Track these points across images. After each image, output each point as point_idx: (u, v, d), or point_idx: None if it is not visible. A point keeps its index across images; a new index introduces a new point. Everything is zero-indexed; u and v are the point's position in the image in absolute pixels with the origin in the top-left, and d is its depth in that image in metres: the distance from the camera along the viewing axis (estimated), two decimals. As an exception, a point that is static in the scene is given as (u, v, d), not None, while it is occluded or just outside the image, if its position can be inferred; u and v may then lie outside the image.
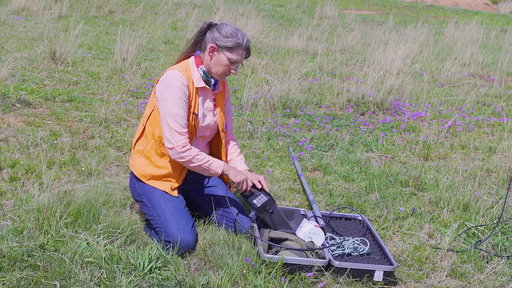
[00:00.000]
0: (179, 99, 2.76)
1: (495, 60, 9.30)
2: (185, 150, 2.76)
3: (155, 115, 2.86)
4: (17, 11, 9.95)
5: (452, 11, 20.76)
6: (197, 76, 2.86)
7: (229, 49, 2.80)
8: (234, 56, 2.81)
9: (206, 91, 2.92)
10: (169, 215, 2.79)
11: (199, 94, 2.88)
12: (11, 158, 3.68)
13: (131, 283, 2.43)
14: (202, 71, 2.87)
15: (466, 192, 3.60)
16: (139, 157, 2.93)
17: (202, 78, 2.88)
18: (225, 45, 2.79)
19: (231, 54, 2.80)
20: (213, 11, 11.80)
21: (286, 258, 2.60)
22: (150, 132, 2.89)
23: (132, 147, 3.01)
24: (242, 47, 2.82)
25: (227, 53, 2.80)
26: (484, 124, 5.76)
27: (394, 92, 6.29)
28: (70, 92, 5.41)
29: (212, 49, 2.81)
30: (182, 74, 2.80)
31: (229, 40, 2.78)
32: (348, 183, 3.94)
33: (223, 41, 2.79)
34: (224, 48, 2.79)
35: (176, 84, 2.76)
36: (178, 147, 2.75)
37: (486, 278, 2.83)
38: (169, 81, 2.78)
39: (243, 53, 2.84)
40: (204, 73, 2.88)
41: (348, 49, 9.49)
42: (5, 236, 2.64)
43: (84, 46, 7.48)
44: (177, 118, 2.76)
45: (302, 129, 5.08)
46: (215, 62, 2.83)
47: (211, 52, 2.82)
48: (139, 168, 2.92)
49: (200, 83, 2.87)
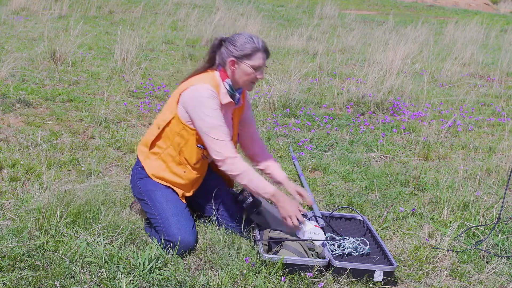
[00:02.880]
0: (216, 112, 2.74)
1: (495, 60, 9.30)
2: (235, 162, 2.73)
3: (177, 123, 2.81)
4: (17, 11, 9.96)
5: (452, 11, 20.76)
6: (223, 91, 2.84)
7: (248, 57, 2.77)
8: (256, 61, 2.78)
9: (229, 106, 2.90)
10: (170, 215, 2.79)
11: (222, 110, 2.85)
12: (11, 158, 3.68)
13: (131, 283, 2.43)
14: (228, 85, 2.85)
15: (466, 192, 3.60)
16: (155, 159, 2.90)
17: (228, 92, 2.86)
18: (243, 54, 2.76)
19: (252, 61, 2.78)
20: (213, 11, 11.81)
21: (286, 258, 2.60)
22: (170, 139, 2.85)
23: (147, 146, 2.93)
24: (260, 50, 2.79)
25: (248, 61, 2.78)
26: (484, 124, 5.76)
27: (394, 92, 6.29)
28: (70, 92, 5.41)
29: (232, 62, 2.79)
30: (213, 89, 2.77)
31: (245, 47, 2.76)
32: (348, 183, 3.94)
33: (239, 51, 2.76)
34: (243, 58, 2.77)
35: (210, 98, 2.73)
36: (229, 158, 2.73)
37: (486, 278, 2.83)
38: (203, 95, 2.73)
39: (263, 55, 2.81)
40: (230, 87, 2.85)
41: (348, 49, 9.49)
42: (5, 236, 2.64)
43: (84, 46, 7.48)
44: (222, 130, 2.74)
45: (302, 129, 5.08)
46: (239, 74, 2.81)
47: (232, 66, 2.80)
48: (154, 170, 2.90)
49: (226, 98, 2.84)
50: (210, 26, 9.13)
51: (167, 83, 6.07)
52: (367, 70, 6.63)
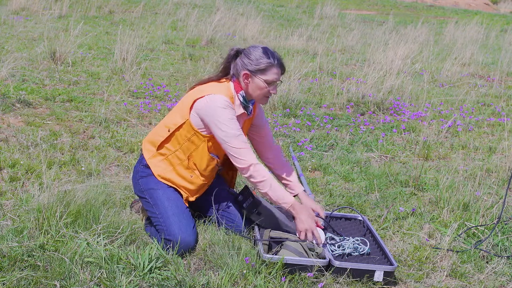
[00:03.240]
0: (233, 121, 2.74)
1: (495, 60, 9.30)
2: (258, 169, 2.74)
3: (189, 129, 2.80)
4: (17, 11, 9.96)
5: (452, 11, 20.76)
6: (238, 103, 2.84)
7: (262, 72, 2.77)
8: (270, 77, 2.77)
9: (241, 116, 2.90)
10: (171, 214, 2.79)
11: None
12: (11, 158, 3.68)
13: (131, 283, 2.43)
14: (242, 96, 2.85)
15: (466, 192, 3.60)
16: (162, 160, 2.90)
17: (241, 104, 2.86)
18: (258, 69, 2.76)
19: (265, 76, 2.77)
20: (213, 11, 11.80)
21: (286, 258, 2.60)
22: (180, 142, 2.84)
23: (154, 146, 2.91)
24: (275, 65, 2.78)
25: (261, 76, 2.77)
26: (484, 124, 5.76)
27: (394, 92, 6.29)
28: (70, 92, 5.41)
29: (246, 76, 2.79)
30: (228, 99, 2.77)
31: (260, 62, 2.75)
32: (348, 183, 3.94)
33: (254, 65, 2.76)
34: (257, 72, 2.77)
35: (226, 108, 2.73)
36: (252, 165, 2.73)
37: (486, 278, 2.83)
38: (219, 105, 2.73)
39: (277, 71, 2.79)
40: (243, 99, 2.85)
41: (348, 49, 9.49)
42: (5, 236, 2.64)
43: (84, 46, 7.48)
44: (241, 138, 2.74)
45: (302, 129, 5.08)
46: (252, 88, 2.80)
47: (245, 79, 2.80)
48: (161, 171, 2.89)
49: (240, 110, 2.85)
50: (210, 26, 9.13)
51: (167, 83, 6.07)
52: (367, 70, 6.63)
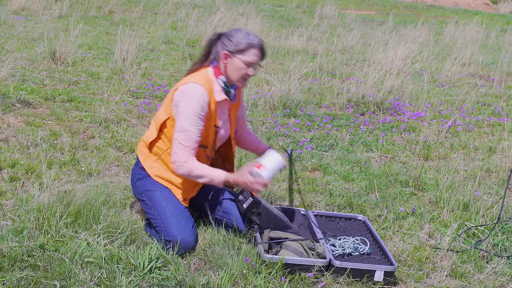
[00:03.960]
0: (195, 116, 2.72)
1: (495, 60, 9.30)
2: (187, 166, 2.72)
3: (173, 123, 2.80)
4: (17, 11, 9.96)
5: (452, 11, 20.76)
6: (218, 88, 2.82)
7: (242, 52, 2.75)
8: (249, 57, 2.76)
9: (225, 103, 2.89)
10: (170, 215, 2.79)
11: (218, 107, 2.85)
12: (11, 158, 3.68)
13: (131, 283, 2.43)
14: (223, 82, 2.83)
15: (466, 192, 3.60)
16: (156, 161, 2.90)
17: (222, 89, 2.84)
18: (237, 49, 2.75)
19: (245, 56, 2.76)
20: (213, 11, 11.80)
21: (286, 258, 2.60)
22: (169, 139, 2.84)
23: (147, 147, 2.92)
24: (255, 46, 2.76)
25: (241, 56, 2.76)
26: (484, 124, 5.76)
27: (394, 92, 6.29)
28: (70, 92, 5.41)
29: (226, 55, 2.77)
30: (204, 88, 2.74)
31: (240, 42, 2.74)
32: (348, 183, 3.94)
33: (234, 45, 2.75)
34: (236, 52, 2.75)
35: (196, 100, 2.71)
36: (180, 162, 2.72)
37: (486, 278, 2.83)
38: (190, 96, 2.72)
39: (257, 53, 2.78)
40: (224, 84, 2.83)
41: (348, 49, 9.49)
42: (5, 236, 2.64)
43: (84, 46, 7.48)
44: (188, 134, 2.72)
45: (302, 129, 5.08)
46: (231, 68, 2.79)
47: (225, 59, 2.78)
48: (157, 171, 2.90)
49: (221, 96, 2.83)
50: (210, 26, 9.13)
51: (167, 83, 6.07)
52: (367, 70, 6.63)
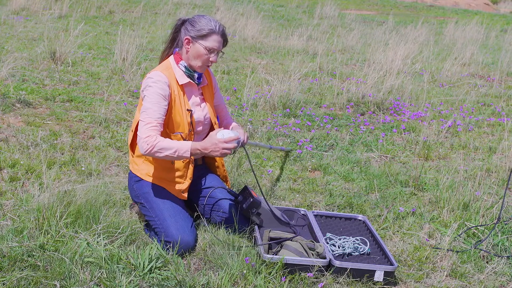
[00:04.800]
0: (155, 95, 2.71)
1: (495, 60, 9.30)
2: (150, 140, 2.63)
3: None
4: (17, 11, 9.96)
5: (452, 11, 20.76)
6: (180, 73, 2.85)
7: (203, 37, 2.77)
8: (210, 43, 2.78)
9: (192, 86, 2.91)
10: (168, 216, 2.79)
11: (185, 91, 2.87)
12: (11, 158, 3.68)
13: (131, 283, 2.43)
14: (184, 66, 2.85)
15: (466, 192, 3.60)
16: (143, 162, 2.91)
17: (184, 73, 2.86)
18: (199, 34, 2.77)
19: (206, 42, 2.77)
20: (213, 11, 11.81)
21: (286, 258, 2.60)
22: None
23: (129, 150, 2.97)
24: (216, 32, 2.78)
25: (202, 41, 2.77)
26: (484, 124, 5.76)
27: (394, 92, 6.29)
28: (70, 92, 5.41)
29: (187, 41, 2.80)
30: (162, 73, 2.77)
31: (202, 28, 2.76)
32: (348, 183, 3.94)
33: (196, 31, 2.77)
34: (198, 38, 2.78)
35: (155, 82, 2.73)
36: (142, 138, 2.65)
37: (486, 278, 2.83)
38: (149, 81, 2.75)
39: (218, 39, 2.80)
40: (186, 68, 2.86)
41: (348, 49, 9.49)
42: (5, 236, 2.64)
43: (84, 46, 7.48)
44: (149, 112, 2.69)
45: (302, 129, 5.08)
46: (192, 53, 2.81)
47: (186, 44, 2.81)
48: (148, 170, 2.90)
49: (184, 79, 2.85)
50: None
51: (167, 83, 6.06)
52: (367, 70, 6.63)
